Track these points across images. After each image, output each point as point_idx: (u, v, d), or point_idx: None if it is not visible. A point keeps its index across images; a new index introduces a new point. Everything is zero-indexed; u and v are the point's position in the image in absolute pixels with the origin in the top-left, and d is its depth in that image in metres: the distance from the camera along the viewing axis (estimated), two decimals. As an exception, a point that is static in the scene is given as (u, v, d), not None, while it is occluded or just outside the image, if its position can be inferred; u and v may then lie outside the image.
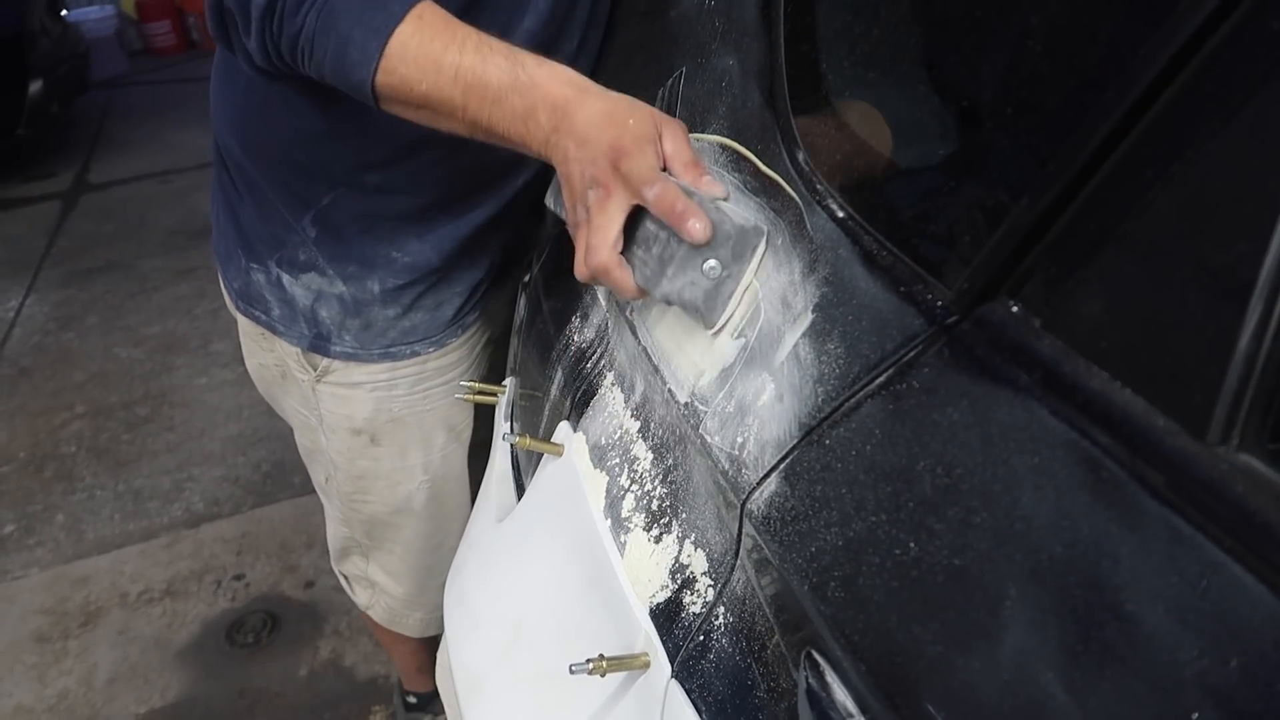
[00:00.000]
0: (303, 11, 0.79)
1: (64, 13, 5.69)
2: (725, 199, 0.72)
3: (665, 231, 0.72)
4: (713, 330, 0.70)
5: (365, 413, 1.18)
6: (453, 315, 1.16)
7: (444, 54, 0.77)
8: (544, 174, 1.06)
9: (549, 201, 0.93)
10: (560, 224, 1.06)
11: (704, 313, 0.71)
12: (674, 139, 0.74)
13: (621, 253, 0.75)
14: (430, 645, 1.68)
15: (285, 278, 1.12)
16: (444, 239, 1.09)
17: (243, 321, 1.21)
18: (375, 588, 1.43)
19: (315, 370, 1.17)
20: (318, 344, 1.14)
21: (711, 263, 0.69)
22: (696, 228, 0.68)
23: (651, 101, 0.87)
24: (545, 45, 0.98)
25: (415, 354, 1.16)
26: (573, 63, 0.94)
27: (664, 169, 0.73)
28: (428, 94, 0.79)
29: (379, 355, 1.15)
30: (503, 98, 0.77)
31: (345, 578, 1.49)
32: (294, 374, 1.19)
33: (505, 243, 1.16)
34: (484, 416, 1.29)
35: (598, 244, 0.74)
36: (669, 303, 0.73)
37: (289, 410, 1.28)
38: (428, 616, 1.44)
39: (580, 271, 0.77)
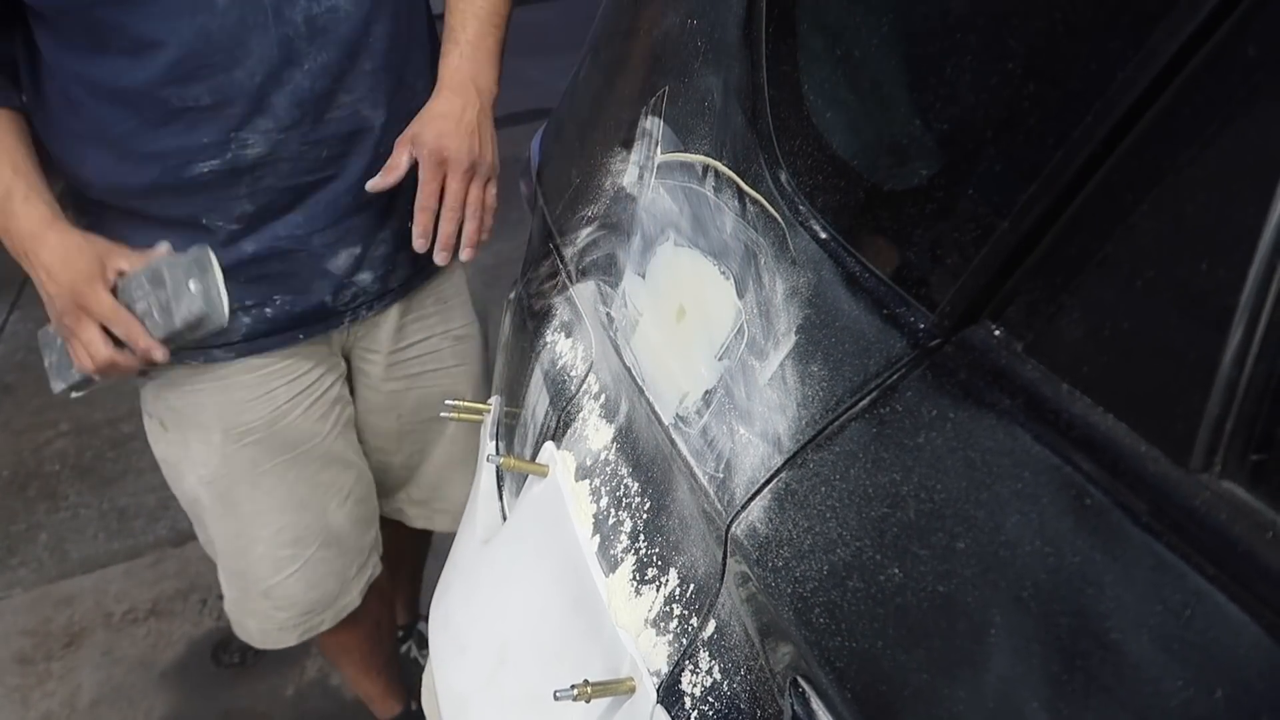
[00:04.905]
0: None
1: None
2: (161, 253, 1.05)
3: (146, 295, 1.03)
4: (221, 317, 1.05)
5: (151, 393, 1.26)
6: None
7: None
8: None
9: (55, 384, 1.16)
10: (546, 242, 1.06)
11: (208, 313, 1.03)
12: (116, 260, 1.03)
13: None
14: (384, 665, 1.66)
15: None
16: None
17: None
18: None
19: None
20: None
21: (193, 286, 1.02)
22: (155, 351, 1.04)
23: (634, 120, 0.87)
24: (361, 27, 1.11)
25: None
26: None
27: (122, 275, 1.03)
28: None
29: None
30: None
31: None
32: None
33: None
34: (291, 428, 1.28)
35: (94, 352, 1.03)
36: (186, 331, 1.04)
37: None
38: (262, 625, 1.41)
39: (87, 366, 1.06)
